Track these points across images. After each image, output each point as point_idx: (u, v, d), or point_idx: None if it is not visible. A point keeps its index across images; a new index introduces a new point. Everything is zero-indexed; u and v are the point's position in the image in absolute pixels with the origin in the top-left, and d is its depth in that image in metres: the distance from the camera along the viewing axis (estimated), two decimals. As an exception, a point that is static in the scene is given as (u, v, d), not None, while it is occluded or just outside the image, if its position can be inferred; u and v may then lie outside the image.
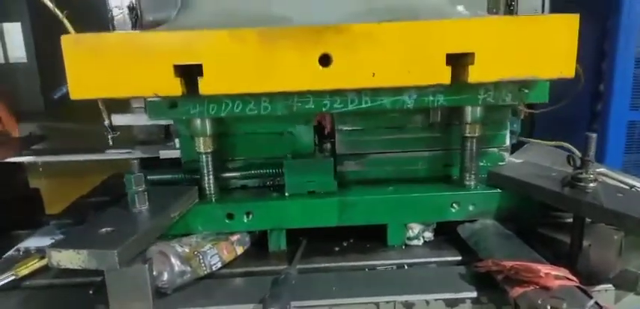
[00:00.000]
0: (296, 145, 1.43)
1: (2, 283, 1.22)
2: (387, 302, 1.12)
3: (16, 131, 2.01)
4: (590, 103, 3.78)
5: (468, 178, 1.38)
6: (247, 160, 1.45)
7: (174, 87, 1.09)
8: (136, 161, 1.17)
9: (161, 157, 1.60)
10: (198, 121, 1.29)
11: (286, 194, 1.37)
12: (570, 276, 1.06)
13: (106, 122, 1.58)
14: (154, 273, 1.13)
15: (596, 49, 3.47)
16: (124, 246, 1.01)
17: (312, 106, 1.26)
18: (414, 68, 1.11)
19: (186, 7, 1.24)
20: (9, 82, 2.36)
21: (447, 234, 1.39)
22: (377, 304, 1.12)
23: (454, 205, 1.35)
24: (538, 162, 1.52)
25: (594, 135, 1.20)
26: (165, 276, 1.14)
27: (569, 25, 1.10)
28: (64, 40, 1.07)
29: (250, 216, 1.34)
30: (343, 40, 1.08)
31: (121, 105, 1.68)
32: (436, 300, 1.12)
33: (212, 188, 1.36)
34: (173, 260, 1.13)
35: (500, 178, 1.36)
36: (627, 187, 1.32)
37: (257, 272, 1.27)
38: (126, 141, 1.80)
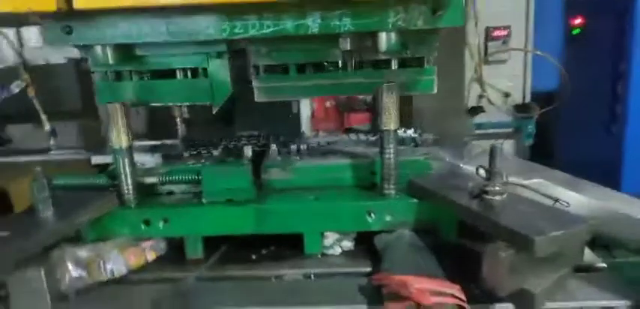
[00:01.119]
0: (214, 85, 1.41)
1: None
2: (280, 313, 1.11)
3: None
4: (608, 105, 3.67)
5: (387, 187, 1.35)
6: (171, 168, 1.46)
7: (49, 2, 1.08)
8: (39, 169, 1.20)
9: (93, 163, 1.63)
10: (99, 50, 1.27)
11: (203, 201, 1.37)
12: (457, 293, 1.03)
13: (47, 128, 1.62)
14: (58, 277, 1.15)
15: (613, 48, 3.37)
16: (8, 253, 1.03)
17: (212, 32, 1.23)
18: None
19: None
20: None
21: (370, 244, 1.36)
22: (268, 315, 1.11)
23: (371, 214, 1.32)
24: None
25: (500, 146, 1.16)
26: (66, 280, 1.16)
27: None
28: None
29: (167, 222, 1.35)
30: None
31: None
32: (327, 312, 1.10)
33: (131, 191, 1.37)
34: (70, 265, 1.15)
35: (417, 188, 1.32)
36: (550, 202, 1.26)
37: (167, 279, 1.27)
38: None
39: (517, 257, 1.02)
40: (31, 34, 1.67)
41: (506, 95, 2.73)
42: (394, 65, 1.39)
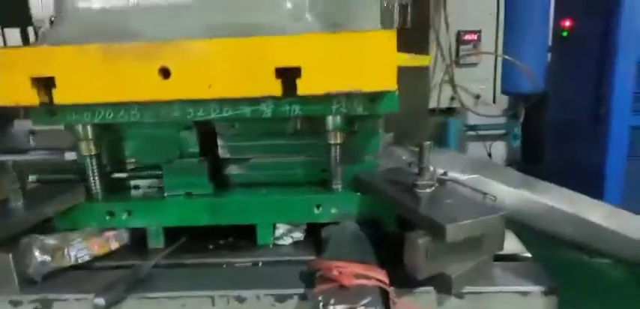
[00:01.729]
0: (182, 149, 1.52)
1: None
2: (221, 296, 1.21)
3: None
4: (593, 107, 3.75)
5: (334, 183, 1.46)
6: (138, 163, 1.57)
7: (32, 97, 1.22)
8: (10, 163, 1.31)
9: (66, 159, 1.74)
10: (79, 128, 1.42)
11: (165, 195, 1.48)
12: (382, 277, 1.13)
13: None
14: (26, 262, 1.27)
15: (598, 51, 3.46)
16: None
17: (178, 115, 1.37)
18: (246, 81, 1.20)
19: (60, 23, 1.36)
20: None
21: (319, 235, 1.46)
22: (212, 297, 1.22)
23: (318, 207, 1.43)
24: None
25: (428, 143, 1.26)
26: (33, 265, 1.27)
27: (387, 40, 1.16)
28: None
29: (130, 214, 1.46)
30: (179, 54, 1.19)
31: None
32: (266, 295, 1.21)
33: (98, 187, 1.49)
34: (35, 252, 1.26)
35: (359, 183, 1.43)
36: (479, 196, 1.36)
37: (128, 266, 1.38)
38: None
39: (435, 244, 1.12)
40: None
41: (477, 97, 2.82)
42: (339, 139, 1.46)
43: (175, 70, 1.19)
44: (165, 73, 1.20)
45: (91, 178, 1.47)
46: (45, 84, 1.22)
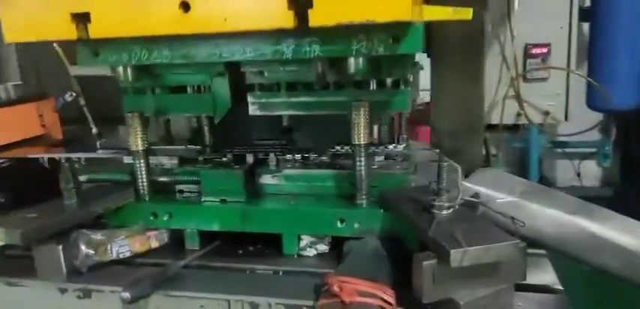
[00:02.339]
0: (216, 100, 1.63)
1: None
2: (237, 300, 1.27)
3: (60, 134, 2.49)
4: None
5: (359, 198, 1.46)
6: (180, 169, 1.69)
7: (71, 32, 1.33)
8: (66, 165, 1.48)
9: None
10: (121, 71, 1.53)
11: (202, 200, 1.58)
12: (387, 297, 1.12)
13: (94, 130, 1.94)
14: (74, 253, 1.42)
15: None
16: (29, 229, 1.31)
17: (204, 55, 1.45)
18: (260, 13, 1.22)
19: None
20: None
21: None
22: (228, 301, 1.28)
23: (342, 221, 1.44)
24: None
25: (445, 163, 1.23)
26: (79, 257, 1.42)
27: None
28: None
29: (170, 216, 1.57)
30: None
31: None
32: (277, 303, 1.25)
33: (146, 189, 1.62)
34: (82, 245, 1.41)
35: (384, 199, 1.42)
36: (507, 221, 1.30)
37: (163, 264, 1.49)
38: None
39: (444, 268, 1.09)
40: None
41: (546, 113, 2.65)
42: (373, 86, 1.52)
43: (194, 3, 1.25)
44: (185, 6, 1.25)
45: (139, 178, 1.61)
46: (82, 19, 1.32)
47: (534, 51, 2.60)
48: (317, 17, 1.17)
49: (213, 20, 1.24)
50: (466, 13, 1.41)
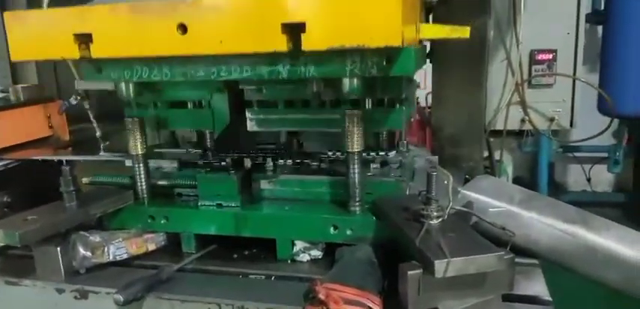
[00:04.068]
0: (215, 115, 1.68)
1: None
2: (227, 304, 1.29)
3: (67, 135, 2.54)
4: None
5: (352, 205, 1.47)
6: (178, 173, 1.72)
7: (74, 52, 1.36)
8: (66, 168, 1.51)
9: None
10: (123, 88, 1.54)
11: (198, 204, 1.60)
12: (373, 305, 1.13)
13: (98, 133, 1.98)
14: (72, 254, 1.45)
15: None
16: (28, 230, 1.34)
17: (203, 73, 1.46)
18: (254, 37, 1.23)
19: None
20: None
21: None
22: (219, 305, 1.30)
23: (334, 228, 1.45)
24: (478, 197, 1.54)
25: (435, 173, 1.23)
26: (77, 258, 1.45)
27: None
28: (6, 15, 1.40)
29: (167, 220, 1.60)
30: (194, 11, 1.27)
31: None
32: (267, 308, 1.26)
33: (145, 192, 1.65)
34: (79, 247, 1.44)
35: (376, 206, 1.43)
36: (499, 230, 1.29)
37: (158, 266, 1.51)
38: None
39: (429, 278, 1.09)
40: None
41: (551, 120, 2.62)
42: (368, 104, 1.55)
43: (191, 26, 1.27)
44: (183, 28, 1.28)
45: (138, 182, 1.64)
46: (84, 40, 1.35)
47: (540, 57, 2.58)
48: (309, 42, 1.19)
49: (210, 42, 1.27)
50: (464, 32, 1.42)
